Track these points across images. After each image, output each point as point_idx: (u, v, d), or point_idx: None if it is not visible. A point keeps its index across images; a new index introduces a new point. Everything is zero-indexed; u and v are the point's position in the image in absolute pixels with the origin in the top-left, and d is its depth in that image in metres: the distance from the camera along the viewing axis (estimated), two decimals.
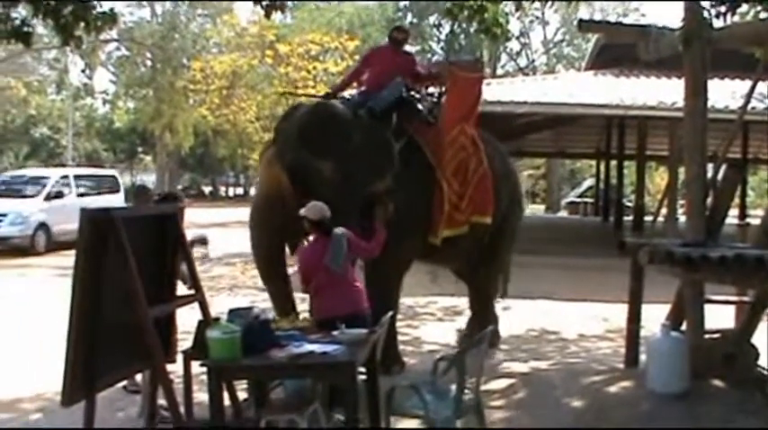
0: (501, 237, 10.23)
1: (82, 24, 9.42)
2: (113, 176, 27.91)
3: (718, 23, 9.31)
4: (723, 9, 9.48)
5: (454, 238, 9.22)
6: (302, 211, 7.06)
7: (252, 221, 8.53)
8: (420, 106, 9.53)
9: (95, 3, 9.51)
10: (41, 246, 22.16)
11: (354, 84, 10.06)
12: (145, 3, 52.45)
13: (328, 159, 8.26)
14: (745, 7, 10.19)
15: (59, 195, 23.43)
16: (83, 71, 52.31)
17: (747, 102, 8.88)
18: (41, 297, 14.05)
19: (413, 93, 9.61)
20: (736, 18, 10.33)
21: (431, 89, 9.96)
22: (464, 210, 9.30)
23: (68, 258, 6.33)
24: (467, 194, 9.33)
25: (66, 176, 24.70)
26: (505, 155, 10.77)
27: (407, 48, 10.34)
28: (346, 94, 10.08)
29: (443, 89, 9.78)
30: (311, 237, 7.33)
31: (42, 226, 22.43)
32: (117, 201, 24.50)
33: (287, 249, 8.68)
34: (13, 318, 12.34)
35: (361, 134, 8.56)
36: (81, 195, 23.85)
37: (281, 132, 8.68)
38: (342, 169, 8.27)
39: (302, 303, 8.23)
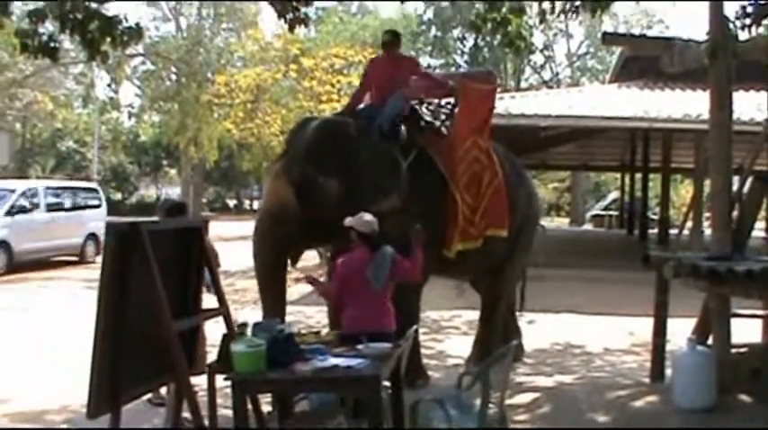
0: (514, 250, 10.09)
1: (108, 39, 9.50)
2: (95, 190, 26.34)
3: (743, 36, 9.28)
4: (748, 21, 9.44)
5: (468, 251, 9.12)
6: (349, 221, 7.04)
7: (255, 231, 8.45)
8: (431, 118, 9.49)
9: (121, 18, 9.58)
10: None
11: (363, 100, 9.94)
12: (170, 17, 52.92)
13: (333, 176, 8.24)
14: None
15: (24, 210, 21.34)
16: (108, 85, 52.66)
17: None
18: (69, 309, 14.14)
19: (424, 104, 9.61)
20: (761, 30, 10.28)
21: (444, 101, 9.80)
22: (477, 224, 9.20)
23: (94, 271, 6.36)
24: (480, 207, 9.23)
25: (33, 189, 22.66)
26: (520, 168, 10.68)
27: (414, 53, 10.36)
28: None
29: (456, 101, 9.63)
30: (354, 248, 7.14)
31: (2, 244, 20.23)
32: (97, 217, 23.27)
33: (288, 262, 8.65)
34: (39, 331, 12.42)
35: (367, 152, 8.49)
36: (53, 210, 22.40)
37: (290, 146, 8.72)
38: (346, 186, 8.24)
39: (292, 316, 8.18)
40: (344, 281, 7.03)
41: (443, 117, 9.58)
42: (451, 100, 9.71)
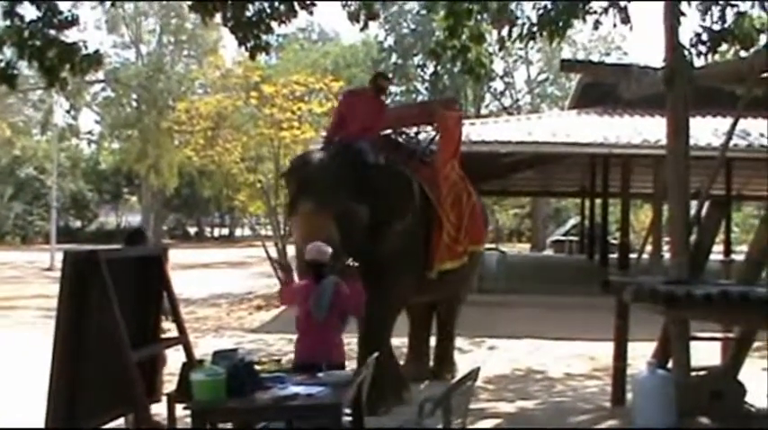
0: (473, 267, 10.72)
1: (67, 66, 9.44)
2: None
3: (698, 62, 9.40)
4: (703, 48, 9.57)
5: (447, 271, 9.53)
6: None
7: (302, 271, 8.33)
8: (413, 147, 9.97)
9: (80, 45, 9.52)
10: None
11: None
12: (130, 44, 52.75)
13: (363, 203, 8.41)
14: (724, 46, 10.27)
15: None
16: (68, 112, 52.32)
17: (729, 139, 8.93)
18: (26, 339, 13.95)
19: (405, 134, 10.19)
20: (717, 57, 10.42)
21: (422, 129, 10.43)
22: (462, 242, 9.75)
23: (51, 300, 6.28)
24: (463, 226, 9.77)
25: None
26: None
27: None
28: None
29: (436, 129, 10.16)
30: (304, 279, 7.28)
31: None
32: None
33: None
34: None
35: (385, 176, 8.71)
36: None
37: (304, 181, 8.56)
38: (371, 212, 8.46)
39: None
40: (297, 308, 7.10)
41: (424, 145, 10.19)
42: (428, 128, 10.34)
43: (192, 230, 67.28)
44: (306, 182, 8.48)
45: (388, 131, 10.12)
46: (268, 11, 9.89)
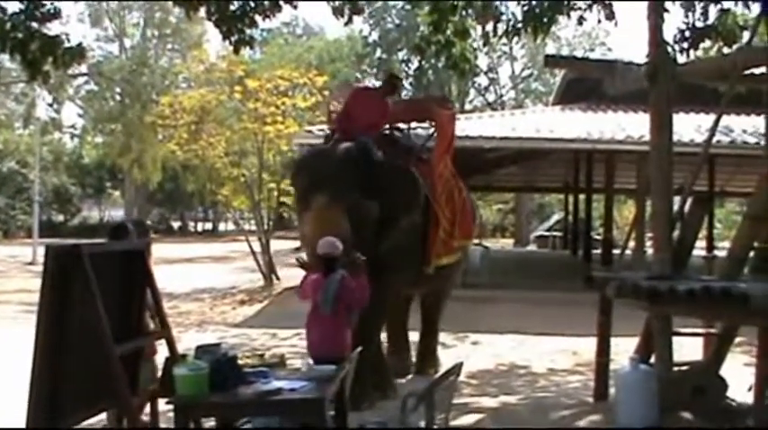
0: (459, 262, 10.90)
1: (50, 59, 9.38)
2: None
3: (682, 59, 9.43)
4: (686, 45, 9.60)
5: (443, 266, 9.80)
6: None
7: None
8: (409, 144, 10.13)
9: (63, 38, 9.47)
10: None
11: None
12: (114, 38, 52.53)
13: (374, 199, 8.56)
14: (707, 43, 10.31)
15: None
16: (50, 105, 52.08)
17: (712, 135, 8.97)
18: (7, 334, 13.87)
19: (399, 130, 10.29)
20: (700, 53, 10.46)
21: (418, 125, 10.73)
22: (456, 236, 9.95)
23: (33, 294, 6.25)
24: (456, 221, 9.95)
25: None
26: None
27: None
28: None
29: (433, 127, 10.39)
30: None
31: None
32: None
33: None
34: None
35: (392, 172, 8.89)
36: None
37: (315, 176, 8.68)
38: (380, 207, 8.61)
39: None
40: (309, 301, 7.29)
41: (421, 142, 10.35)
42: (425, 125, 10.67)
43: (176, 225, 67.01)
44: (319, 177, 8.57)
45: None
46: (252, 5, 9.89)
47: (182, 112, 24.52)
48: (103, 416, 7.16)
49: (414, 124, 10.66)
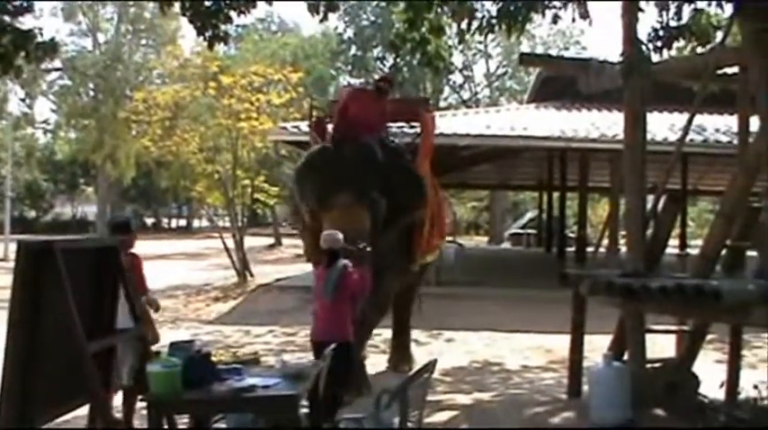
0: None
1: (22, 54, 9.31)
2: None
3: (656, 58, 9.46)
4: (660, 44, 9.63)
5: (426, 264, 10.45)
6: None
7: None
8: (395, 145, 10.39)
9: (36, 32, 9.39)
10: None
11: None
12: (88, 32, 52.14)
13: (385, 196, 9.07)
14: (681, 42, 10.35)
15: None
16: (23, 100, 51.77)
17: (685, 134, 9.02)
18: None
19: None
20: (674, 52, 10.51)
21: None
22: (435, 235, 10.29)
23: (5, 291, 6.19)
24: (435, 221, 10.26)
25: None
26: None
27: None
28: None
29: (419, 129, 10.81)
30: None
31: None
32: None
33: None
34: None
35: (400, 171, 9.41)
36: None
37: (345, 176, 9.03)
38: (387, 206, 9.07)
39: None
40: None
41: (406, 142, 10.84)
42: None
43: (150, 221, 66.77)
44: (342, 177, 8.98)
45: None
46: (227, 1, 9.82)
47: (156, 108, 24.41)
48: (78, 412, 7.14)
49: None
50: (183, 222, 69.67)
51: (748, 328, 8.39)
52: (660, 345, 8.93)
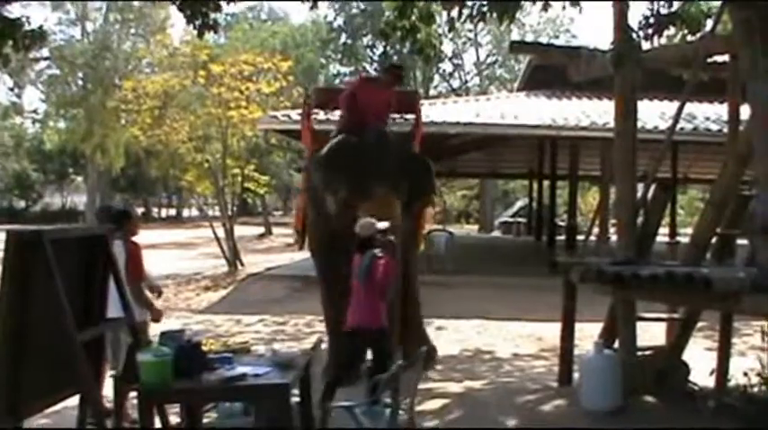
0: None
1: (10, 42, 9.26)
2: None
3: (646, 46, 9.47)
4: (651, 32, 9.63)
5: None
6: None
7: None
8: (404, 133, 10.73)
9: (24, 21, 9.35)
10: None
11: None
12: (76, 21, 51.90)
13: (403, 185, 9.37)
14: (672, 30, 10.35)
15: None
16: (11, 89, 51.58)
17: (676, 122, 9.02)
18: None
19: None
20: (664, 40, 10.51)
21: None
22: (423, 225, 10.70)
23: None
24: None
25: None
26: None
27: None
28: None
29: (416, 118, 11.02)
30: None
31: None
32: None
33: None
34: None
35: (419, 163, 9.74)
36: None
37: (380, 167, 9.24)
38: (402, 193, 9.36)
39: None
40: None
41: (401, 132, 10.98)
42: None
43: (140, 211, 66.62)
44: (376, 169, 9.17)
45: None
46: None
47: (145, 97, 24.32)
48: (67, 403, 7.13)
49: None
50: (172, 212, 69.57)
51: (738, 316, 8.42)
52: (650, 333, 8.95)
